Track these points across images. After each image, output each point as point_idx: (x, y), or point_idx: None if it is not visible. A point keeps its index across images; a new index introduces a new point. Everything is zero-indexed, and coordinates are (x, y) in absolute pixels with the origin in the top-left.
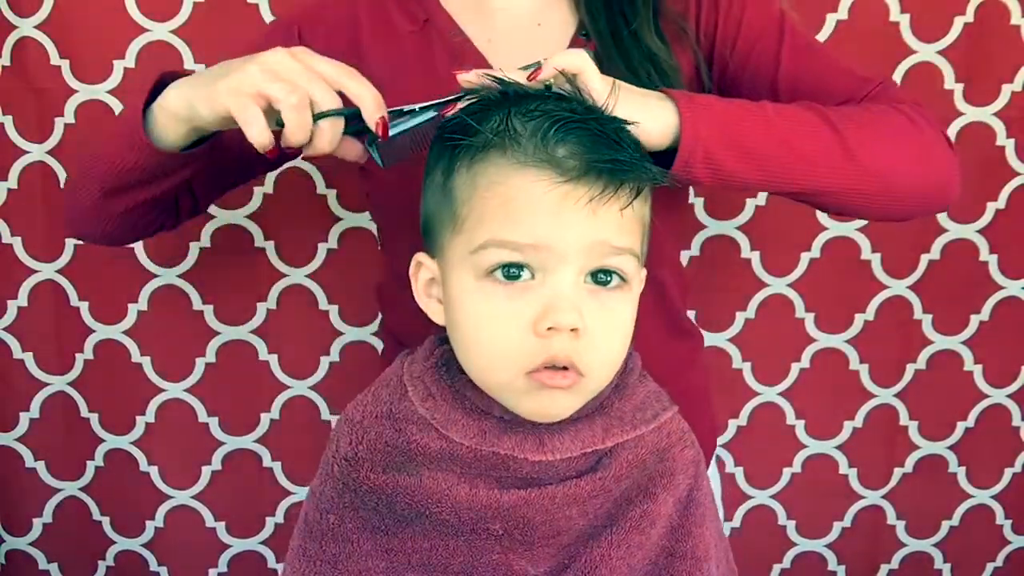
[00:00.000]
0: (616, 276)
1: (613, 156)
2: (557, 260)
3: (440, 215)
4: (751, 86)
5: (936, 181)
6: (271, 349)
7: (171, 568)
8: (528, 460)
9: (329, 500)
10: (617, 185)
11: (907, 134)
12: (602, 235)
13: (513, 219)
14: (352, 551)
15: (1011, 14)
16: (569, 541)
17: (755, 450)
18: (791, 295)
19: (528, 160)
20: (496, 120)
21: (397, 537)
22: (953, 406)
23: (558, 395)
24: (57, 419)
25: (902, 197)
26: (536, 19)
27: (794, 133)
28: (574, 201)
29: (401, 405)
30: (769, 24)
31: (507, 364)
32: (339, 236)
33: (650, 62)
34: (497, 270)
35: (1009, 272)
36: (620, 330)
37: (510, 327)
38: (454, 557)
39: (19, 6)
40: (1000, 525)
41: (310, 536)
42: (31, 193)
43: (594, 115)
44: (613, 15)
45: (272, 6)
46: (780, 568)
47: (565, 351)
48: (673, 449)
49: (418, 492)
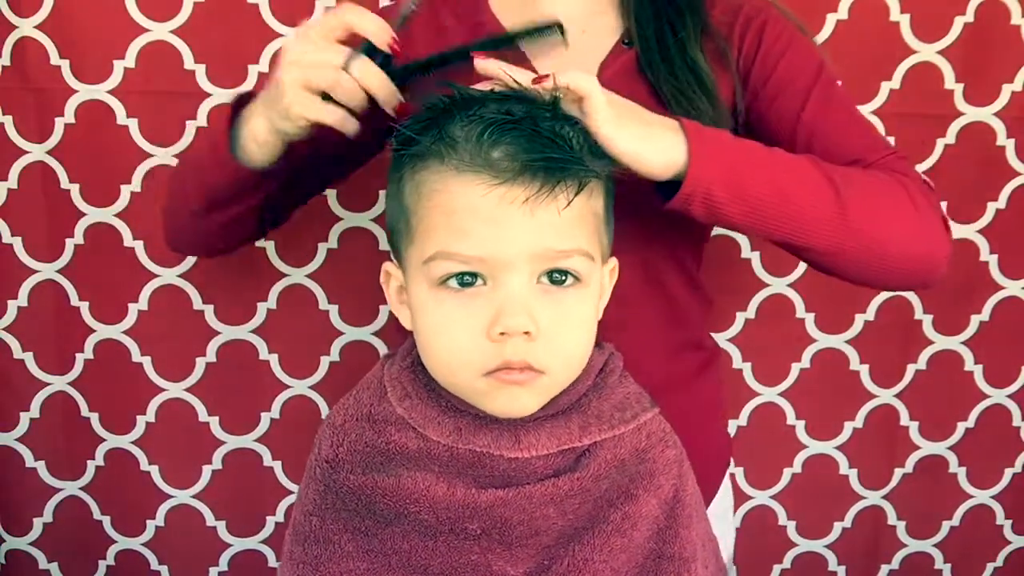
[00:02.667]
0: (570, 276)
1: (547, 154)
2: (504, 268)
3: (397, 225)
4: (774, 124)
5: (924, 260)
6: (271, 349)
7: (171, 567)
8: (504, 457)
9: (312, 503)
10: (554, 183)
11: (905, 208)
12: (545, 241)
13: (457, 231)
14: (334, 552)
15: (1011, 14)
16: (549, 542)
17: (755, 450)
18: (791, 295)
19: (464, 165)
20: (434, 129)
21: (378, 538)
22: (953, 406)
23: (518, 391)
24: (57, 419)
25: (887, 268)
26: (582, 25)
27: (796, 186)
28: (510, 202)
29: (380, 407)
30: (807, 69)
31: (465, 368)
32: (339, 236)
33: (692, 73)
34: (450, 279)
35: (1009, 272)
36: (578, 327)
37: (465, 333)
38: (434, 558)
39: (19, 6)
40: (1000, 525)
41: (295, 539)
42: (31, 193)
43: (530, 116)
44: (661, 24)
45: (272, 6)
46: (780, 568)
47: (518, 354)
48: (653, 450)
49: (397, 492)
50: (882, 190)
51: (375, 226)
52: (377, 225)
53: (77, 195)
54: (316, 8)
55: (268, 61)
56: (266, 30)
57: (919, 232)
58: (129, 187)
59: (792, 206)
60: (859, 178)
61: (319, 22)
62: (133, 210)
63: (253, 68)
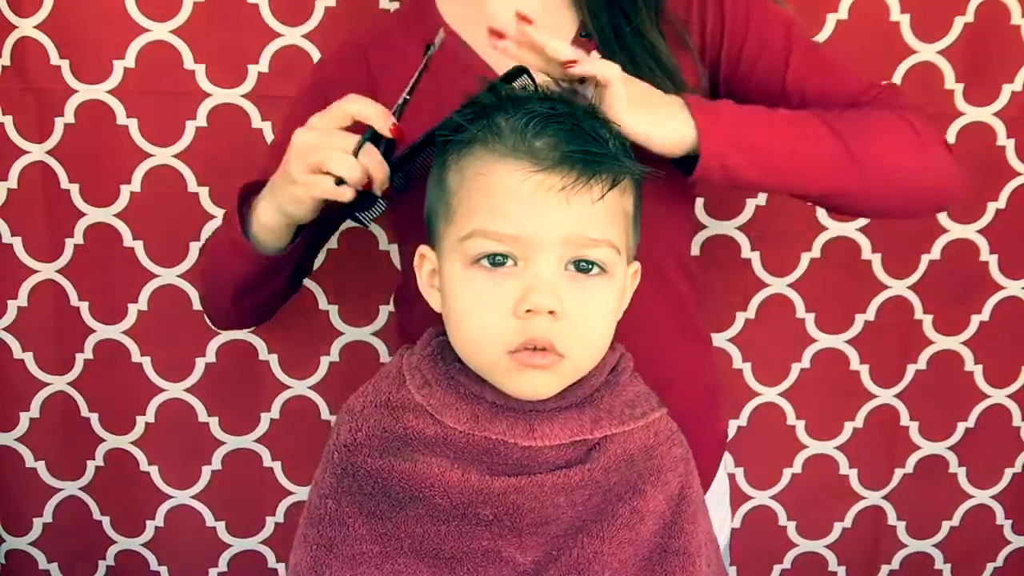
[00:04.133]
0: (596, 266)
1: (586, 147)
2: (536, 249)
3: (437, 207)
4: (760, 90)
5: (935, 181)
6: (271, 349)
7: (171, 568)
8: (518, 445)
9: (328, 486)
10: (590, 175)
11: (907, 138)
12: (577, 227)
13: (495, 211)
14: (347, 535)
15: (1011, 14)
16: (558, 532)
17: (755, 450)
18: (791, 295)
19: (508, 152)
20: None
21: (391, 522)
22: (953, 406)
23: (538, 374)
24: (57, 419)
25: (902, 197)
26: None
27: (802, 140)
28: (547, 189)
29: (399, 394)
30: (777, 30)
31: (490, 345)
32: (339, 237)
33: (652, 57)
34: (483, 258)
35: (1009, 272)
36: (600, 314)
37: (493, 310)
38: (445, 543)
39: (19, 6)
40: (1000, 525)
41: (310, 522)
42: (31, 193)
43: (573, 112)
44: (615, 12)
45: (272, 6)
46: (780, 568)
47: (543, 332)
48: (661, 447)
49: (412, 476)
50: (885, 126)
51: (375, 226)
52: (377, 225)
53: (77, 195)
54: (316, 8)
55: (269, 61)
56: (266, 30)
57: (926, 159)
58: (129, 187)
59: (803, 158)
60: (862, 119)
61: (325, 114)
62: (133, 210)
63: (253, 68)
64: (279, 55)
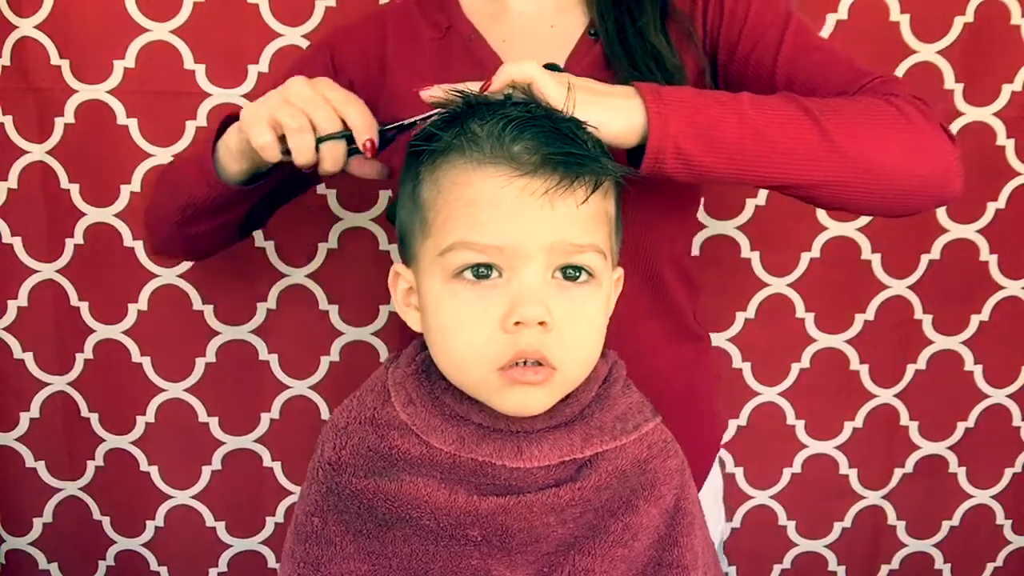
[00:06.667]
0: (584, 272)
1: (567, 149)
2: (521, 259)
3: (411, 222)
4: (754, 82)
5: (932, 172)
6: (271, 349)
7: (171, 568)
8: (506, 467)
9: (314, 503)
10: (573, 178)
11: (895, 125)
12: (563, 233)
13: (477, 220)
14: (335, 553)
15: (1011, 14)
16: (549, 549)
17: (755, 450)
18: (791, 295)
19: (486, 158)
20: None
21: (379, 541)
22: (953, 406)
23: (530, 391)
24: (57, 419)
25: (896, 189)
26: (550, 21)
27: (770, 124)
28: (530, 194)
29: (384, 411)
30: (774, 21)
31: (478, 362)
32: (339, 236)
33: (654, 60)
34: (466, 271)
35: (1009, 272)
36: (590, 323)
37: (480, 325)
38: (434, 562)
39: (19, 6)
40: (1000, 525)
41: (297, 538)
42: (31, 193)
43: (549, 115)
44: (621, 14)
45: (272, 6)
46: (780, 568)
47: (533, 345)
48: (655, 460)
49: (398, 497)
50: (867, 111)
51: (375, 226)
52: (377, 225)
53: (77, 195)
54: (316, 8)
55: (270, 61)
56: (266, 30)
57: (917, 145)
58: (129, 187)
59: (770, 143)
60: (840, 104)
61: (330, 85)
62: (133, 210)
63: (253, 68)
64: (279, 55)
